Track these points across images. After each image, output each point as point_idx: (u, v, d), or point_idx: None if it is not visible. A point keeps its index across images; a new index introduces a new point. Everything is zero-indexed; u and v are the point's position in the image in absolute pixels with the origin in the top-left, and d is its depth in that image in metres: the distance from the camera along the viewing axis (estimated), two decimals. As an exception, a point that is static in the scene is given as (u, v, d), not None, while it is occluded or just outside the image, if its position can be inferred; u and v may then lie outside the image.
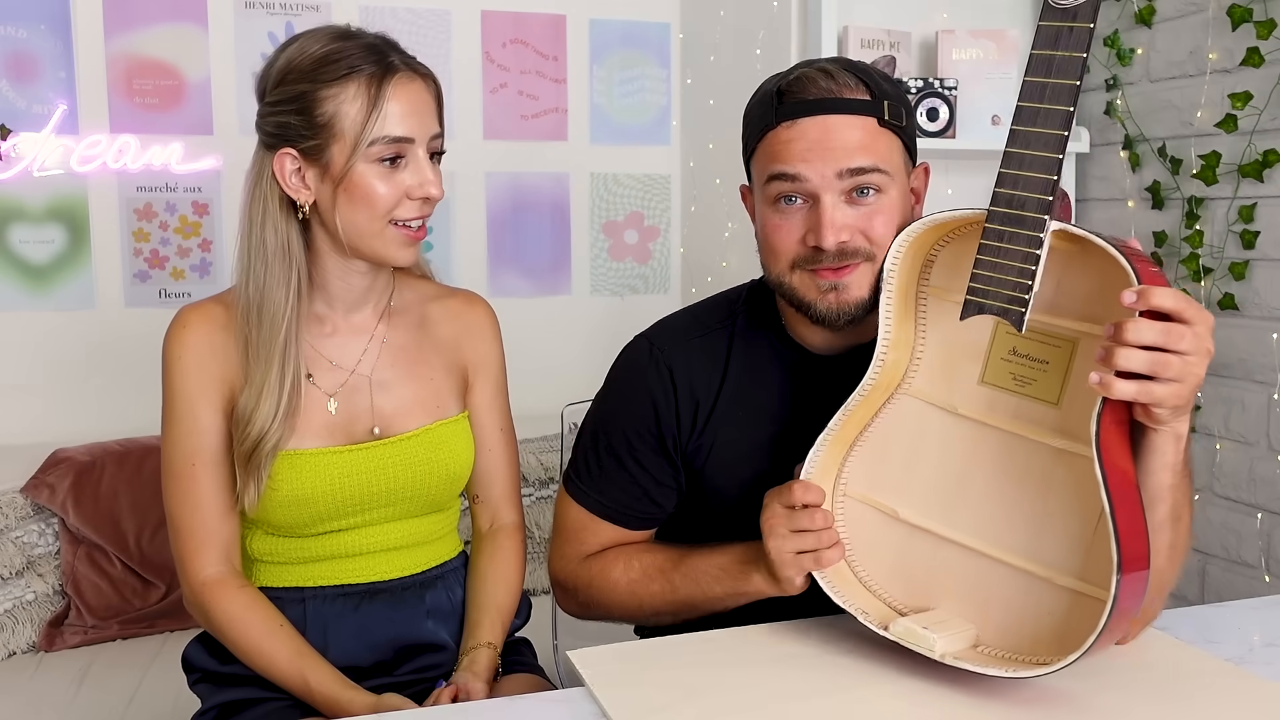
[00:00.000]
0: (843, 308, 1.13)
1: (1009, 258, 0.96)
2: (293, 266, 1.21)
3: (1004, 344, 1.03)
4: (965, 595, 1.02)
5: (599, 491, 1.27)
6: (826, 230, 1.10)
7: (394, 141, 1.17)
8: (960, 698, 0.97)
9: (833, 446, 1.10)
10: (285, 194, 1.20)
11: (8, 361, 2.35)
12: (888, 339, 1.10)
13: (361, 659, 1.27)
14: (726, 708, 0.96)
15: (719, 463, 1.24)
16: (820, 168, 1.10)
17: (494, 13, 2.64)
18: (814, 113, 1.11)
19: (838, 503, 1.10)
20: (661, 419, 1.24)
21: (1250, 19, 2.07)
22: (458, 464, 1.32)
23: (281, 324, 1.20)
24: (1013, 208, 0.96)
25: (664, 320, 1.32)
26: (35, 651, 2.07)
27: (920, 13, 2.49)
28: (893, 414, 1.09)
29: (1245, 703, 0.97)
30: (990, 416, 1.03)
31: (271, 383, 1.20)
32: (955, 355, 1.06)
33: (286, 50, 1.20)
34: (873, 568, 1.08)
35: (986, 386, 1.04)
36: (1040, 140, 0.95)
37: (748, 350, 1.25)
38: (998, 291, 0.97)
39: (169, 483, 1.26)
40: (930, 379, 1.08)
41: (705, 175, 2.71)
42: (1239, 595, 2.14)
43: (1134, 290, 0.90)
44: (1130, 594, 0.91)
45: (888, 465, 1.09)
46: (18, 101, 2.32)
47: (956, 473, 1.04)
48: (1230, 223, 2.16)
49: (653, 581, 1.21)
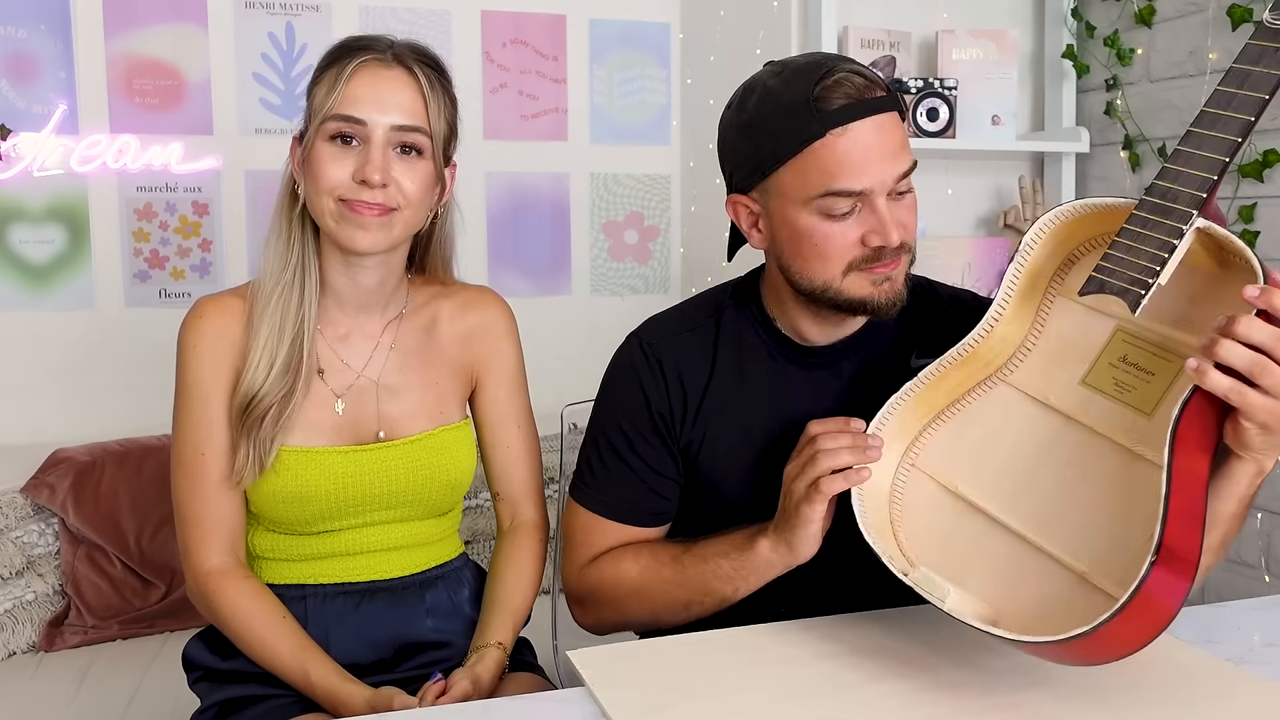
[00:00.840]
0: (896, 294, 1.16)
1: (1146, 244, 0.94)
2: (292, 248, 1.24)
3: (1116, 350, 1.01)
4: (999, 578, 1.00)
5: (604, 492, 1.27)
6: (892, 230, 1.11)
7: (345, 120, 1.19)
8: (960, 698, 0.97)
9: (915, 406, 1.09)
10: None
11: (8, 361, 2.35)
12: (1002, 309, 1.09)
13: (362, 657, 1.27)
14: (726, 708, 0.96)
15: (712, 454, 1.25)
16: (879, 175, 1.11)
17: (494, 13, 2.64)
18: (859, 116, 1.10)
19: (903, 470, 1.09)
20: (654, 408, 1.25)
21: (1250, 19, 2.07)
22: (458, 470, 1.33)
23: (275, 292, 1.23)
24: (1165, 199, 0.95)
25: (652, 318, 1.33)
26: (35, 651, 2.07)
27: (920, 13, 2.50)
28: (985, 399, 1.09)
29: (1245, 703, 0.97)
30: (1079, 414, 1.01)
31: (262, 341, 1.22)
32: (1065, 353, 1.05)
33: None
34: (916, 532, 1.06)
35: (1086, 387, 1.02)
36: (1212, 143, 0.94)
37: (736, 342, 1.26)
38: (1124, 273, 0.95)
39: (178, 471, 1.26)
40: (1032, 373, 1.07)
41: (705, 175, 2.71)
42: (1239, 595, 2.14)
43: (1259, 286, 0.87)
44: (1162, 588, 0.85)
45: (965, 448, 1.08)
46: (18, 101, 2.32)
47: (1029, 461, 1.03)
48: (1230, 223, 2.16)
49: (663, 567, 1.21)
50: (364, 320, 1.30)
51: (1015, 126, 2.49)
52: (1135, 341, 0.99)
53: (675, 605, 1.21)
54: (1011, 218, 2.53)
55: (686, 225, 2.83)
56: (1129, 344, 1.00)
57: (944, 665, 1.02)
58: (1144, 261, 0.94)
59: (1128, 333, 1.01)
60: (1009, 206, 2.58)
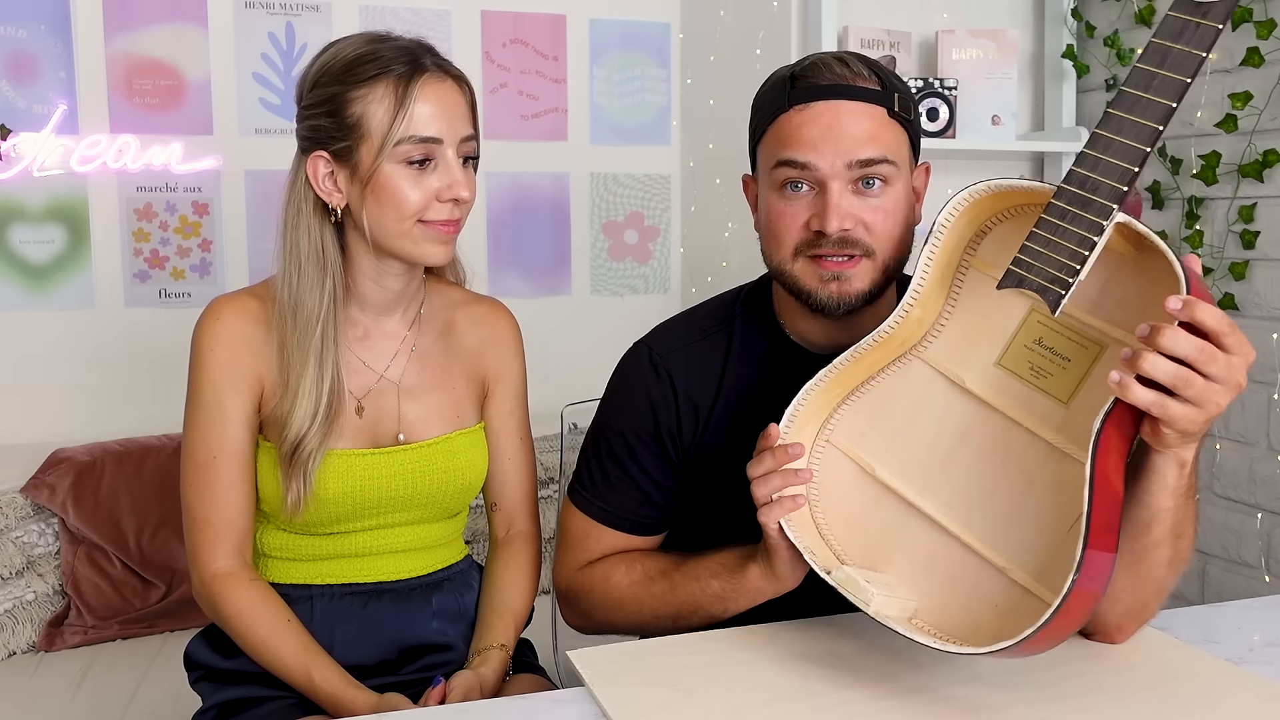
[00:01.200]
0: (843, 298, 1.14)
1: (1065, 238, 0.92)
2: (327, 271, 1.21)
3: (1031, 332, 1.00)
4: (917, 566, 1.00)
5: (602, 499, 1.27)
6: (831, 215, 1.11)
7: (421, 142, 1.17)
8: (963, 697, 0.97)
9: (830, 388, 1.08)
10: (319, 197, 1.21)
11: (8, 361, 2.35)
12: (917, 293, 1.07)
13: (366, 658, 1.28)
14: (726, 708, 0.96)
15: (720, 462, 1.24)
16: (830, 156, 1.11)
17: (494, 13, 2.64)
18: (826, 97, 1.12)
19: (818, 448, 1.08)
20: (661, 422, 1.25)
21: (1250, 19, 2.07)
22: (473, 473, 1.33)
23: (316, 327, 1.20)
24: (1084, 190, 0.91)
25: (662, 325, 1.33)
26: (35, 651, 2.07)
27: (920, 13, 2.50)
28: (899, 373, 1.07)
29: (1245, 703, 0.97)
30: (996, 399, 1.00)
31: (308, 386, 1.20)
32: (979, 331, 1.04)
33: (322, 55, 1.21)
34: (834, 518, 1.06)
35: (1001, 370, 1.01)
36: (1133, 129, 0.90)
37: (746, 352, 1.26)
38: (1043, 269, 0.93)
39: (189, 472, 1.25)
40: (947, 349, 1.05)
41: (705, 175, 2.71)
42: (1239, 595, 2.14)
43: (1181, 298, 0.86)
44: (1080, 601, 0.86)
45: (879, 423, 1.07)
46: (18, 101, 2.32)
47: (945, 446, 1.02)
48: (1230, 223, 2.16)
49: (654, 582, 1.21)
50: (383, 321, 1.30)
51: (1015, 126, 2.49)
52: (1050, 323, 0.98)
53: (663, 619, 1.21)
54: (1011, 218, 2.53)
55: (686, 225, 2.83)
56: (1044, 326, 0.99)
57: (947, 664, 1.02)
58: (1063, 258, 0.91)
59: (1043, 314, 0.99)
60: (1009, 206, 2.59)
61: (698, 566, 1.18)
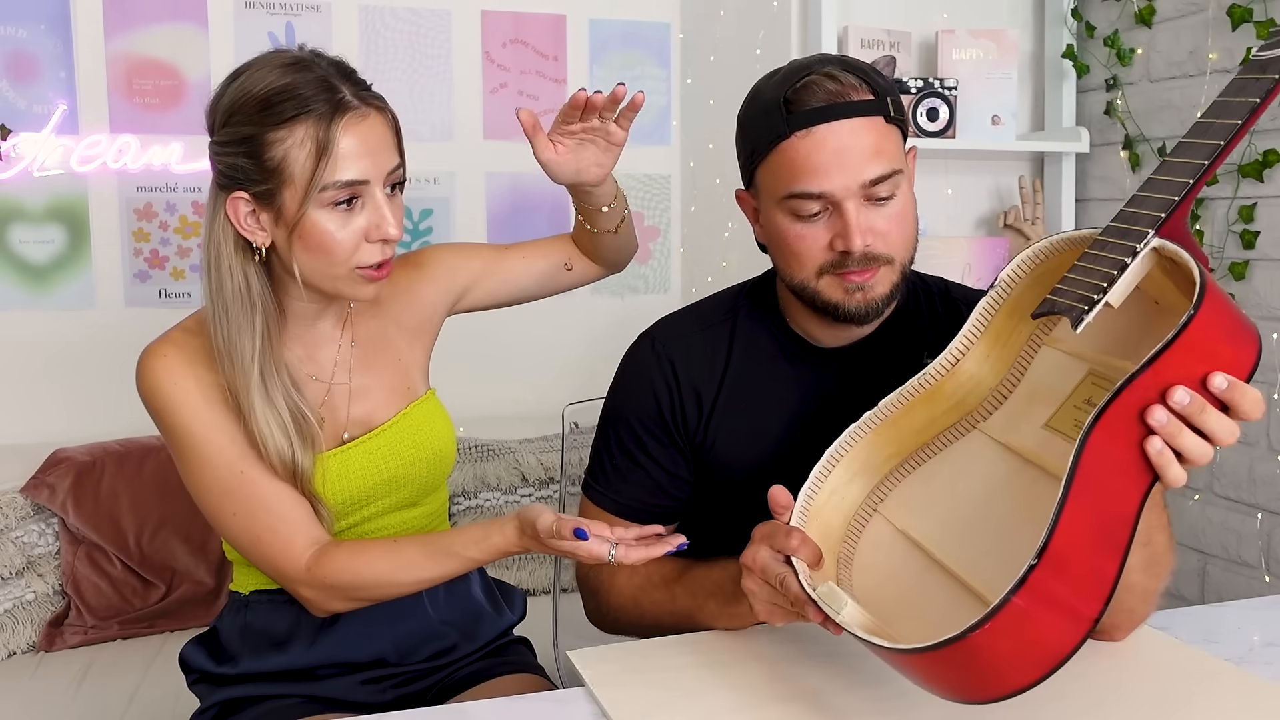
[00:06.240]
0: (870, 305, 1.15)
1: (1099, 264, 0.91)
2: (256, 309, 1.15)
3: (1083, 393, 0.97)
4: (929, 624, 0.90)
5: (615, 491, 1.27)
6: (854, 235, 1.10)
7: (346, 185, 1.11)
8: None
9: (878, 441, 1.04)
10: (240, 235, 1.15)
11: (8, 361, 2.35)
12: (969, 345, 1.03)
13: (360, 654, 1.27)
14: (726, 708, 0.96)
15: (725, 454, 1.25)
16: (842, 179, 1.10)
17: (494, 13, 2.64)
18: (826, 119, 1.10)
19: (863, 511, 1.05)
20: (665, 410, 1.25)
21: (1250, 19, 2.07)
22: (440, 441, 1.32)
23: (253, 367, 1.15)
24: (1127, 223, 0.91)
25: (666, 317, 1.34)
26: (35, 651, 2.07)
27: (920, 13, 2.50)
28: (958, 449, 1.04)
29: (1245, 703, 0.97)
30: (1036, 456, 0.96)
31: (267, 415, 1.16)
32: (1036, 398, 1.01)
33: (233, 85, 1.14)
34: (862, 572, 1.02)
35: (1048, 430, 0.97)
36: (1181, 168, 0.90)
37: (750, 343, 1.26)
38: (1074, 291, 0.91)
39: (225, 503, 1.17)
40: (1005, 419, 1.02)
41: (705, 175, 2.71)
42: (1239, 595, 2.14)
43: (1227, 378, 0.82)
44: (1043, 605, 0.77)
45: (927, 494, 1.02)
46: (18, 101, 2.32)
47: (979, 502, 0.98)
48: (1230, 223, 2.16)
49: (655, 590, 1.21)
50: (320, 327, 1.26)
51: (1015, 126, 2.49)
52: (1102, 383, 0.95)
53: (664, 628, 1.20)
54: (1011, 218, 2.53)
55: (686, 225, 2.83)
56: (1095, 386, 0.96)
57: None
58: (1094, 280, 0.90)
59: (1097, 375, 0.97)
60: (1009, 206, 2.59)
61: (696, 582, 1.17)
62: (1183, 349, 0.82)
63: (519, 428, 2.49)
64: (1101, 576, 0.80)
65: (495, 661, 1.35)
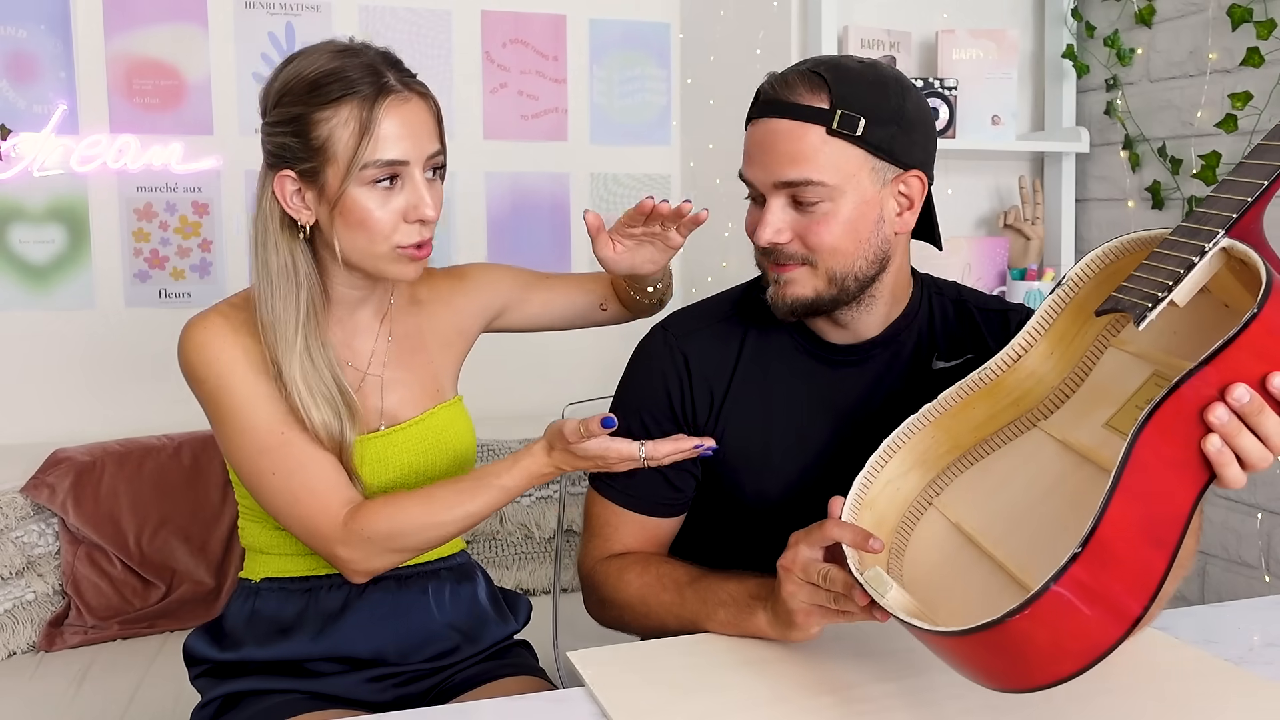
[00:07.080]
0: (783, 300, 1.18)
1: (1168, 263, 0.89)
2: (300, 285, 1.20)
3: (1145, 394, 0.96)
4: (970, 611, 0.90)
5: (622, 483, 1.28)
6: (761, 228, 1.15)
7: (387, 165, 1.16)
8: (962, 698, 0.97)
9: (936, 434, 1.03)
10: (286, 213, 1.20)
11: (8, 361, 2.35)
12: (1032, 341, 1.03)
13: (364, 650, 1.28)
14: (726, 708, 0.96)
15: (734, 448, 1.25)
16: (760, 174, 1.15)
17: (494, 13, 2.64)
18: (765, 115, 1.15)
19: (918, 503, 1.05)
20: (675, 402, 1.26)
21: (1250, 19, 2.07)
22: (461, 445, 1.34)
23: (297, 339, 1.19)
24: (1197, 223, 0.90)
25: (678, 311, 1.35)
26: (35, 651, 2.07)
27: (920, 13, 2.49)
28: (1016, 446, 1.03)
29: (1245, 703, 0.97)
30: (1095, 454, 0.95)
31: (312, 385, 1.19)
32: (1099, 398, 1.00)
33: (285, 70, 1.19)
34: (912, 562, 1.02)
35: (1109, 429, 0.97)
36: (1256, 170, 0.89)
37: (762, 338, 1.27)
38: (1139, 289, 0.90)
39: (263, 461, 1.19)
40: (1066, 417, 1.02)
41: (705, 175, 2.71)
42: (1239, 595, 2.14)
43: None
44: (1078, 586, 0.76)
45: (994, 497, 1.01)
46: (18, 101, 2.32)
47: (1034, 498, 0.97)
48: (1230, 223, 2.16)
49: (665, 591, 1.20)
50: (360, 316, 1.30)
51: (1015, 126, 2.49)
52: (1166, 385, 0.96)
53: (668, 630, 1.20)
54: (1012, 218, 2.53)
55: (686, 225, 2.82)
56: (1159, 387, 0.94)
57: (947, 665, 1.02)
58: (1160, 279, 0.88)
59: (1162, 376, 0.95)
60: (1009, 206, 2.58)
61: (708, 590, 1.15)
62: (1243, 347, 0.80)
63: (518, 427, 2.48)
64: (1148, 573, 0.79)
65: (496, 664, 1.36)
